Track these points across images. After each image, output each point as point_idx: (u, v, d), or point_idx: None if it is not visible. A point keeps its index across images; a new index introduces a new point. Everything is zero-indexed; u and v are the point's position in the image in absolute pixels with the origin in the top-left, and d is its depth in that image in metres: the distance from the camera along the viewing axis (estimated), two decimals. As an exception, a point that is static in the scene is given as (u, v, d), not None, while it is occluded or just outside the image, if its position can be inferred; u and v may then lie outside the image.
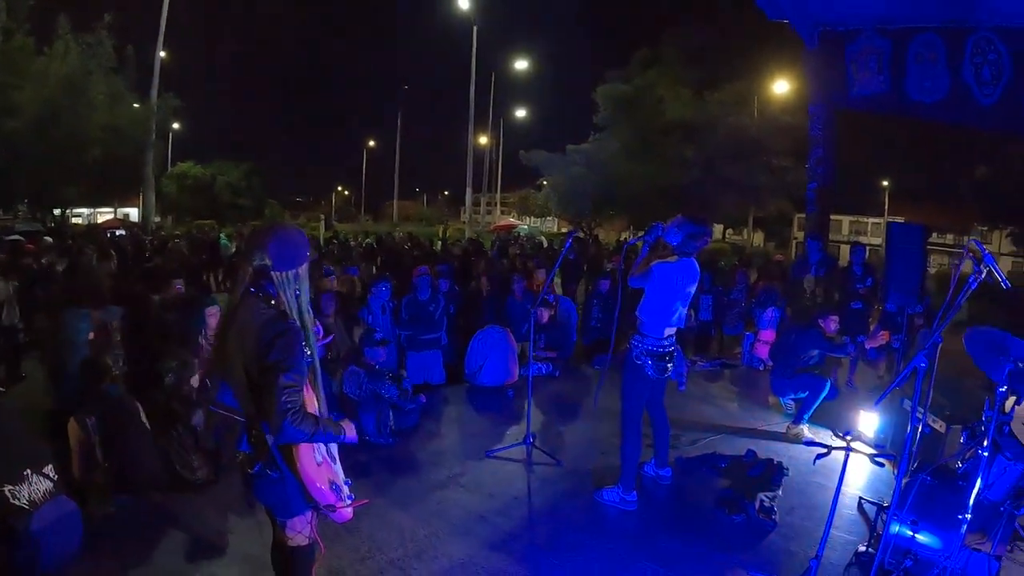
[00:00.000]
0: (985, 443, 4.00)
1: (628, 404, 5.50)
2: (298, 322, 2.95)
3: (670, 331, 5.37)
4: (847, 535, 5.12)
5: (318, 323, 3.48)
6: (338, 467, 3.26)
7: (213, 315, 5.95)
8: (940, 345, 4.25)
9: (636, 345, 5.35)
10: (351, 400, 6.64)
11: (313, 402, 3.06)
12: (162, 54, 27.41)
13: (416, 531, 4.85)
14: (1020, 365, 3.97)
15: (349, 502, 3.17)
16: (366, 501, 3.37)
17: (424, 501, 5.38)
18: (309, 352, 3.01)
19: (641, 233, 5.51)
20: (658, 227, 5.38)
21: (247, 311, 2.92)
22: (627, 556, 4.69)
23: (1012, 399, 4.58)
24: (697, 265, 5.43)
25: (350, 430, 3.14)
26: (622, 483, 5.48)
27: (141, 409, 5.32)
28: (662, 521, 5.31)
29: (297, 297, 2.98)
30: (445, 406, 7.83)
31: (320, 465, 3.04)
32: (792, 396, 7.63)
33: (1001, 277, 3.91)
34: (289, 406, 2.75)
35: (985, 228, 29.19)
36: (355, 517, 4.73)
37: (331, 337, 3.48)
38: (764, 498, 5.43)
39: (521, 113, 44.57)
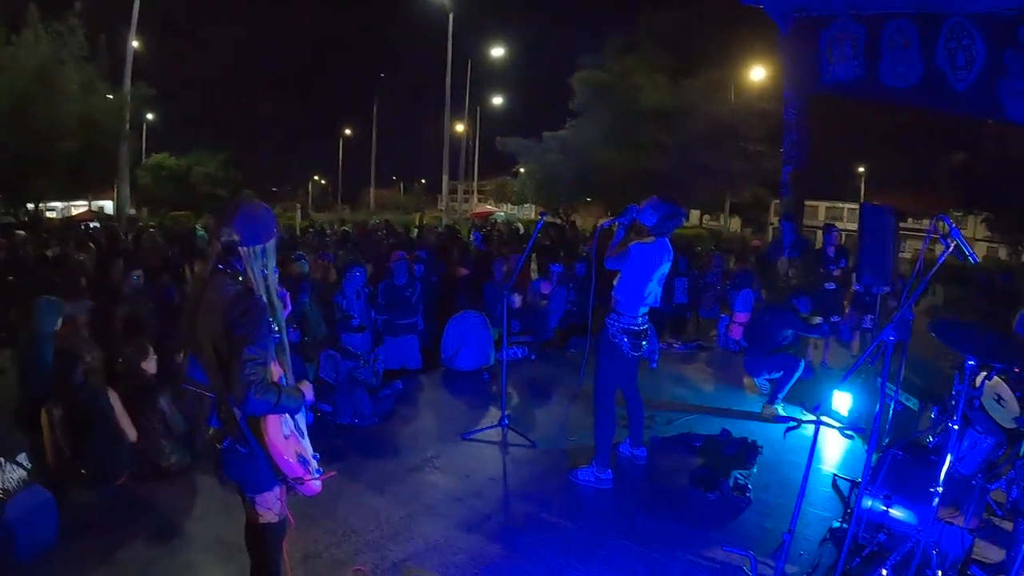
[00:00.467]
0: (955, 417, 4.05)
1: (602, 382, 5.52)
2: (265, 298, 2.95)
3: (645, 310, 5.40)
4: (822, 511, 5.17)
5: (288, 301, 3.47)
6: (306, 441, 3.25)
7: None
8: (911, 321, 4.30)
9: (612, 324, 5.38)
10: (328, 384, 6.62)
11: (278, 372, 3.08)
12: (135, 43, 26.98)
13: (392, 513, 4.84)
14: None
15: (317, 475, 3.18)
16: (333, 473, 3.36)
17: (400, 483, 5.36)
18: (276, 328, 3.01)
19: (615, 216, 5.51)
20: (632, 209, 5.41)
21: (215, 288, 2.92)
22: (602, 534, 4.69)
23: (982, 374, 4.63)
24: (671, 246, 5.46)
25: (308, 390, 3.17)
26: (596, 462, 5.50)
27: (117, 399, 5.25)
28: (637, 500, 5.33)
29: (264, 273, 2.98)
30: (421, 390, 7.79)
31: (288, 438, 3.04)
32: (767, 376, 7.68)
33: (968, 251, 3.94)
34: (253, 378, 2.76)
35: (960, 213, 29.44)
36: (332, 500, 4.81)
37: (289, 309, 3.47)
38: (738, 476, 5.47)
39: (498, 100, 44.47)
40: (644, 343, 5.48)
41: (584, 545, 4.56)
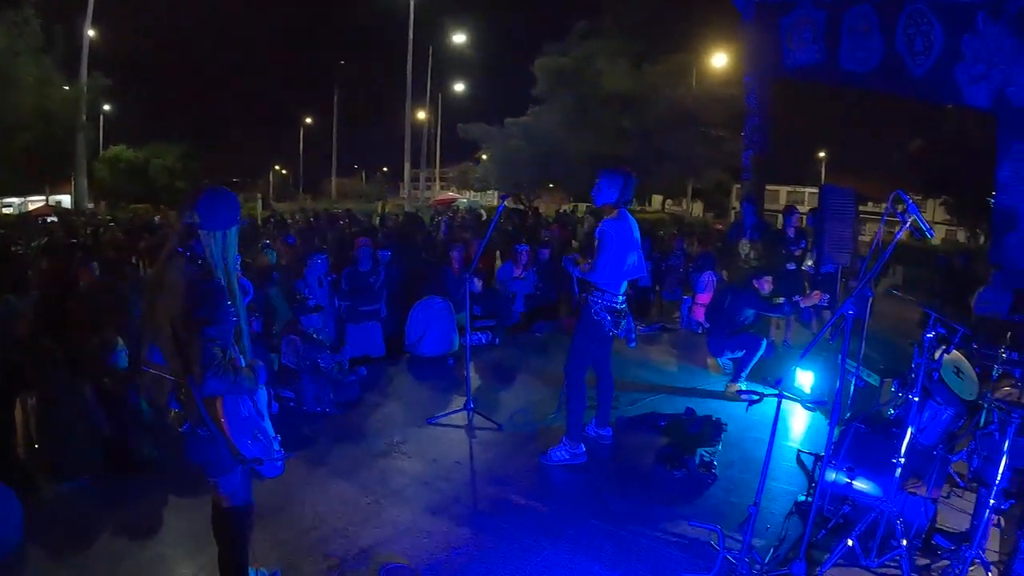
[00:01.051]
0: (915, 389, 4.11)
1: (577, 360, 5.53)
2: (224, 283, 2.94)
3: (625, 286, 5.45)
4: (787, 486, 5.24)
5: (250, 289, 3.44)
6: (266, 423, 3.23)
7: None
8: (870, 298, 4.36)
9: (595, 302, 5.36)
10: (290, 370, 6.54)
11: (239, 360, 3.08)
12: (91, 33, 26.42)
13: (359, 499, 4.78)
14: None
15: (277, 456, 3.17)
16: (293, 454, 3.35)
17: (367, 470, 5.30)
18: (235, 312, 3.00)
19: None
20: (571, 261, 5.61)
21: (174, 270, 2.91)
22: (571, 514, 4.69)
23: (941, 348, 4.70)
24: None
25: (260, 369, 3.16)
26: (569, 438, 5.51)
27: (91, 392, 5.14)
28: (604, 479, 5.34)
29: (225, 258, 2.98)
30: (385, 377, 7.70)
31: (246, 419, 3.05)
32: (729, 355, 7.75)
33: (925, 226, 3.98)
34: (211, 359, 2.77)
35: (920, 197, 29.95)
36: (298, 488, 4.75)
37: (250, 296, 3.46)
38: (703, 453, 5.51)
39: (459, 87, 44.24)
40: (623, 322, 5.48)
41: (553, 525, 4.55)
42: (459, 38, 36.28)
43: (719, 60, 27.56)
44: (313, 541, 4.24)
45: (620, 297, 5.40)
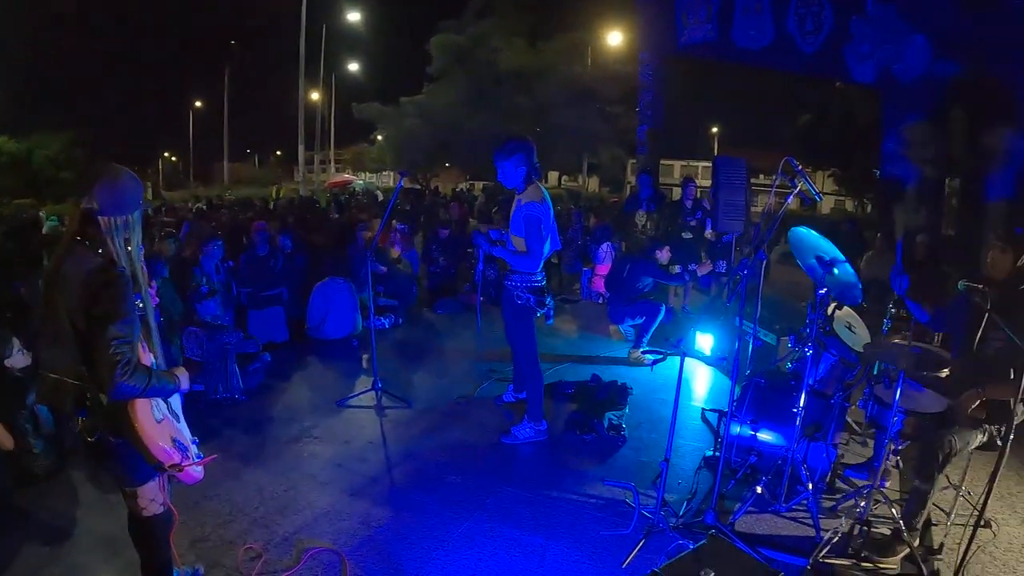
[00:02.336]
0: (810, 343, 4.32)
1: (523, 343, 5.50)
2: (128, 271, 2.71)
3: (542, 265, 5.38)
4: (695, 443, 5.44)
5: (154, 282, 3.27)
6: (182, 425, 3.08)
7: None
8: (764, 261, 4.54)
9: (515, 284, 5.31)
10: (195, 363, 6.35)
11: (148, 358, 2.87)
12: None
13: (275, 487, 4.67)
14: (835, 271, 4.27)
15: (197, 460, 3.02)
16: (214, 456, 3.22)
17: (280, 457, 5.18)
18: (141, 304, 2.79)
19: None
20: (481, 239, 5.54)
21: (73, 260, 2.67)
22: (488, 484, 4.74)
23: (833, 304, 4.94)
24: None
25: (184, 379, 2.98)
26: (530, 416, 5.52)
27: None
28: (517, 448, 5.40)
29: (127, 246, 2.76)
30: (291, 362, 7.53)
31: (161, 423, 2.85)
32: (630, 322, 7.95)
33: (813, 189, 4.18)
34: (119, 358, 2.55)
35: (809, 169, 31.21)
36: (212, 481, 4.61)
37: (156, 301, 3.29)
38: (612, 417, 5.66)
39: (354, 66, 43.36)
40: (546, 299, 5.43)
41: (471, 496, 4.58)
42: (353, 16, 35.52)
43: (614, 38, 27.89)
44: (233, 533, 4.12)
45: (539, 275, 5.35)
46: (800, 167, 4.13)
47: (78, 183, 2.90)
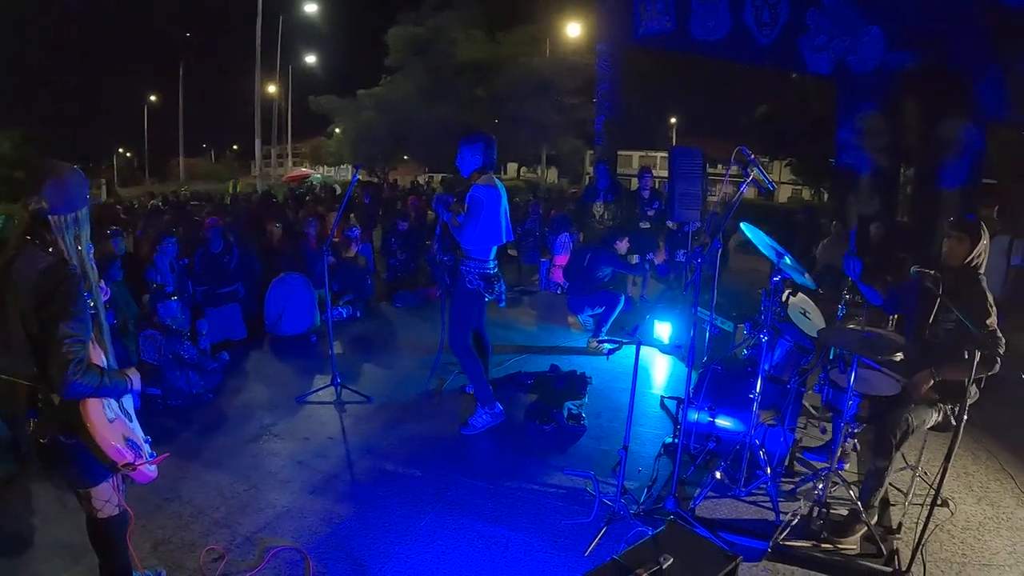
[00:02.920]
0: (765, 329, 4.37)
1: (459, 329, 5.53)
2: (79, 269, 2.70)
3: (495, 252, 5.47)
4: (655, 431, 5.50)
5: (107, 290, 3.22)
6: (135, 424, 3.04)
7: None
8: (720, 250, 4.59)
9: (469, 271, 5.38)
10: (152, 366, 6.24)
11: (100, 357, 2.83)
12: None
13: (236, 487, 4.62)
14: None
15: (150, 459, 3.00)
16: (167, 455, 3.17)
17: (239, 456, 5.11)
18: (93, 303, 2.76)
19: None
20: (443, 200, 5.55)
21: (23, 260, 2.63)
22: (449, 478, 4.74)
23: (787, 291, 5.01)
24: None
25: (136, 379, 2.96)
26: (482, 402, 5.56)
27: None
28: (478, 440, 5.42)
29: (77, 243, 2.74)
30: (249, 360, 7.44)
31: (113, 422, 2.84)
32: (589, 312, 7.98)
33: (765, 178, 4.23)
34: (71, 356, 2.54)
35: (766, 159, 31.56)
36: (173, 483, 4.56)
37: (108, 293, 3.25)
38: (571, 406, 5.68)
39: (311, 59, 42.82)
40: (496, 285, 5.53)
41: (433, 489, 4.59)
42: (311, 7, 35.06)
43: (573, 30, 27.89)
44: (194, 535, 4.06)
45: (491, 263, 5.44)
46: (753, 156, 4.17)
47: (25, 183, 2.83)
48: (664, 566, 2.76)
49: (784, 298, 5.00)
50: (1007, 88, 8.55)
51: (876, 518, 4.08)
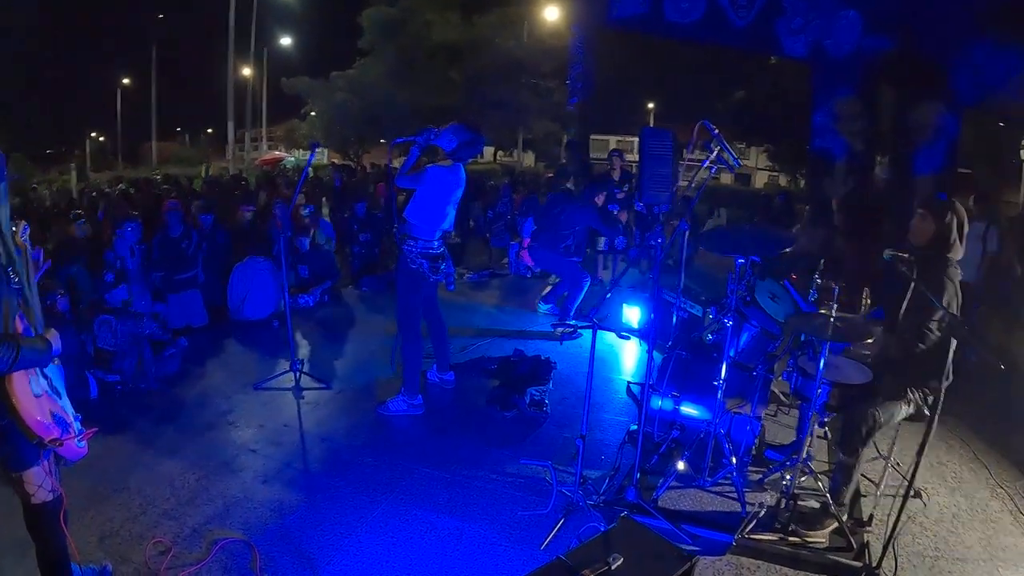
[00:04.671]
0: (730, 313, 4.25)
1: (405, 310, 5.42)
2: None
3: (440, 233, 5.34)
4: (620, 417, 5.41)
5: (38, 249, 3.09)
6: (64, 401, 2.99)
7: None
8: (687, 232, 4.47)
9: (410, 249, 5.25)
10: (109, 353, 6.05)
11: (23, 324, 2.79)
12: None
13: (186, 477, 4.48)
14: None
15: (79, 434, 2.95)
16: (95, 430, 3.08)
17: (192, 444, 4.95)
18: (16, 278, 2.70)
19: (411, 135, 5.34)
20: (431, 132, 5.26)
21: None
22: (405, 465, 4.63)
23: (754, 274, 4.90)
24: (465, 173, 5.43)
25: (55, 340, 2.87)
26: (406, 390, 5.45)
27: None
28: (437, 427, 5.30)
29: None
30: (208, 345, 7.22)
31: (39, 397, 2.80)
32: (552, 306, 7.84)
33: (731, 155, 4.09)
34: None
35: (743, 145, 31.61)
36: (122, 473, 4.43)
37: (47, 264, 3.14)
38: (534, 392, 5.57)
39: (285, 40, 42.34)
40: (442, 266, 5.40)
41: (387, 478, 4.47)
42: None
43: (551, 13, 27.69)
44: (142, 527, 3.93)
45: (435, 242, 5.31)
46: (716, 131, 4.03)
47: None
48: (613, 567, 2.63)
49: (750, 281, 4.89)
50: (983, 74, 8.50)
51: (847, 513, 3.97)
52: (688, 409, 4.65)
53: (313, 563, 3.63)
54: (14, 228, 2.84)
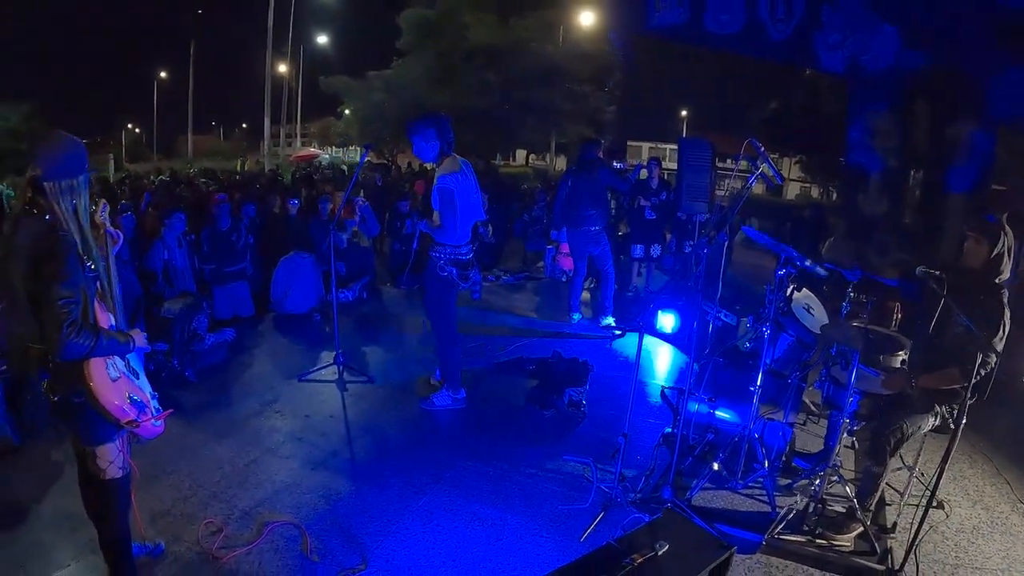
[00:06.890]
0: (768, 322, 4.38)
1: (439, 313, 5.52)
2: (75, 234, 2.74)
3: (468, 237, 5.42)
4: (655, 421, 5.52)
5: (119, 234, 3.25)
6: (142, 380, 3.13)
7: None
8: (726, 243, 4.59)
9: (439, 257, 5.33)
10: (165, 320, 6.26)
11: (108, 319, 2.92)
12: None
13: (235, 461, 4.65)
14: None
15: (156, 415, 3.07)
16: (171, 411, 3.25)
17: (240, 431, 5.14)
18: (92, 265, 2.81)
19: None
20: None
21: (24, 230, 2.70)
22: (447, 459, 4.77)
23: (791, 287, 5.01)
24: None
25: (140, 339, 3.01)
26: (448, 385, 5.59)
27: None
28: (477, 423, 5.45)
29: (74, 209, 2.78)
30: (253, 337, 7.45)
31: (116, 380, 2.90)
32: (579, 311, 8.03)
33: (774, 171, 4.22)
34: (64, 317, 2.61)
35: (776, 156, 31.53)
36: (172, 456, 4.61)
37: (121, 242, 3.32)
38: (572, 393, 5.69)
39: (323, 39, 42.69)
40: (470, 273, 5.48)
41: (430, 470, 4.61)
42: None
43: (587, 18, 27.72)
44: (192, 508, 4.09)
45: (464, 247, 5.37)
46: (762, 148, 4.17)
47: (26, 155, 2.89)
48: (659, 552, 2.79)
49: (788, 292, 5.00)
50: (1018, 91, 8.52)
51: (872, 520, 4.09)
52: (722, 413, 4.77)
53: (362, 547, 3.77)
54: (93, 207, 2.97)
